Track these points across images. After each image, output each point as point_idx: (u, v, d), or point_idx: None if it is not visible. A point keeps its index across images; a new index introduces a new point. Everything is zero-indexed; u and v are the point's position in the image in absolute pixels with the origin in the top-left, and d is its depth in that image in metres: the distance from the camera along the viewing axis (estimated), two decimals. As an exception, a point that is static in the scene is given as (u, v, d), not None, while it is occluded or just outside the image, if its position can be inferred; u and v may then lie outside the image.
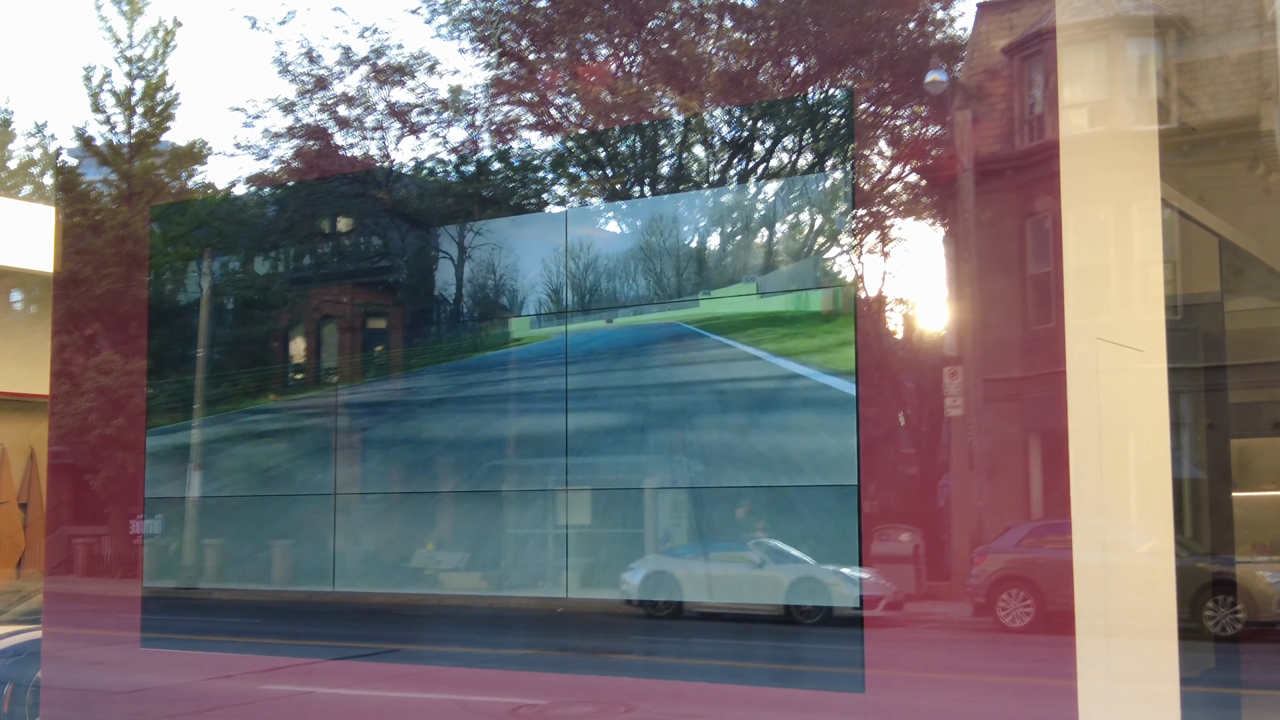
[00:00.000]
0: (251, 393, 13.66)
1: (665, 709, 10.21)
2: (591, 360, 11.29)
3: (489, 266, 12.16)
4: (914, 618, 14.43)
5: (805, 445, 10.04)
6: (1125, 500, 6.01)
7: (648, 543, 12.63)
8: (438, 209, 13.66)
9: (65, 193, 24.14)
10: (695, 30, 19.55)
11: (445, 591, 12.74)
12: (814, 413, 9.92)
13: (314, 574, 12.43)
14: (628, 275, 11.37)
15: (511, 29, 20.34)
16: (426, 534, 12.55)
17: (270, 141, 21.70)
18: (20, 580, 17.91)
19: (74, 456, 22.31)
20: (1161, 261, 6.21)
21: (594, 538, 11.97)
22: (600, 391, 11.27)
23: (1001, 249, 15.61)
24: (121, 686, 11.57)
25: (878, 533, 16.06)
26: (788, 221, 12.33)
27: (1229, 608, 12.39)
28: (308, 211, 14.51)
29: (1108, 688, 5.65)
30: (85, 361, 22.32)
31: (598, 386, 11.26)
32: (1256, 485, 13.85)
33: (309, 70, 21.19)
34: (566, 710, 10.24)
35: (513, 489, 12.06)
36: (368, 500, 12.50)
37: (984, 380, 15.18)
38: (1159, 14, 12.58)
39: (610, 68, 19.86)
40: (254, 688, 11.37)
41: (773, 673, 12.05)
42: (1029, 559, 13.24)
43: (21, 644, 10.54)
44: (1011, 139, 16.03)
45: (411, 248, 12.95)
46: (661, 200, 12.62)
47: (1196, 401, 12.44)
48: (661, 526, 12.18)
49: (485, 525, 12.42)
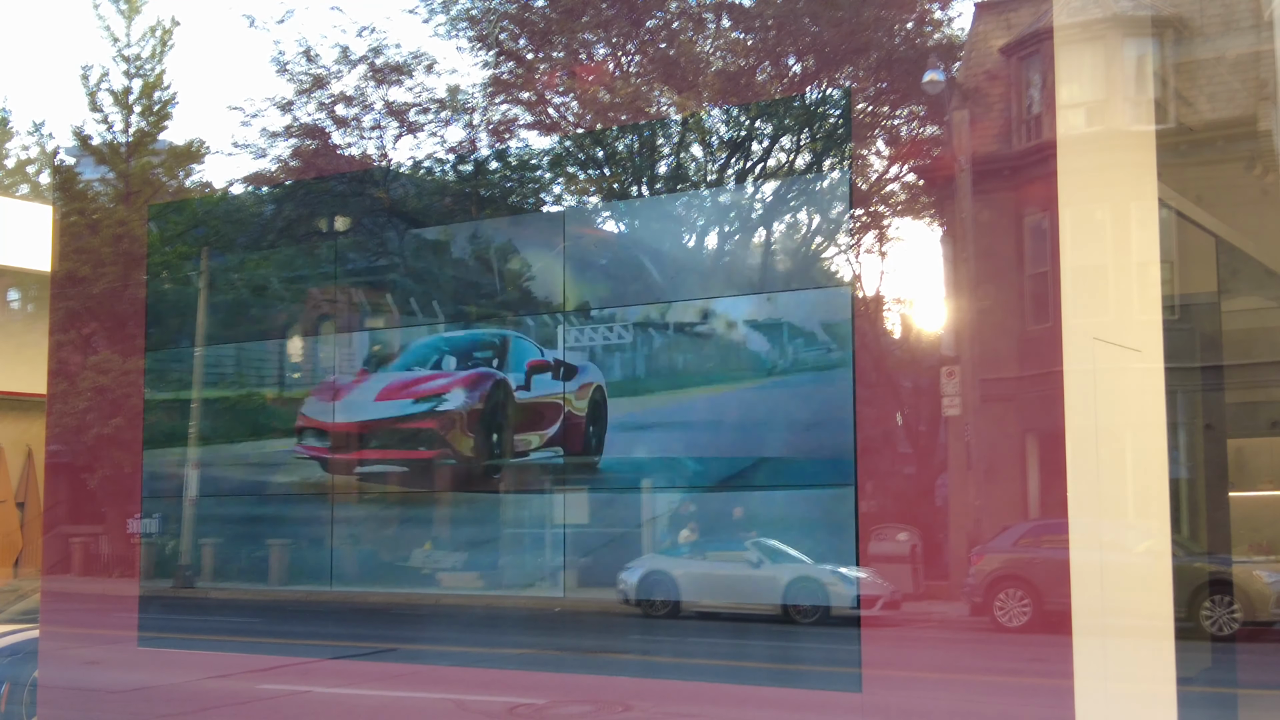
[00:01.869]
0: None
1: (663, 708, 10.21)
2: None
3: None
4: (911, 617, 14.44)
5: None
6: (1122, 500, 6.02)
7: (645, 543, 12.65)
8: (435, 208, 13.67)
9: (63, 192, 24.12)
10: (693, 30, 19.55)
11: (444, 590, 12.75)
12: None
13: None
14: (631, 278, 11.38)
15: (509, 28, 20.35)
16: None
17: (268, 140, 21.71)
18: (18, 579, 17.91)
19: (71, 456, 22.29)
20: (1159, 261, 6.21)
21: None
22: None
23: (999, 249, 15.62)
24: (119, 686, 11.56)
25: (875, 532, 16.08)
26: (785, 221, 12.33)
27: (1226, 607, 12.40)
28: (305, 210, 14.51)
29: (1105, 687, 5.65)
30: (83, 361, 22.30)
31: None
32: (1253, 485, 13.86)
33: (307, 69, 21.20)
34: (564, 709, 10.24)
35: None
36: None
37: (981, 380, 15.20)
38: (1156, 14, 12.60)
39: (608, 67, 19.87)
40: (251, 686, 11.37)
41: (770, 672, 12.05)
42: (1026, 558, 13.26)
43: (19, 643, 10.53)
44: (1009, 139, 16.04)
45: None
46: (660, 200, 12.63)
47: (1194, 401, 12.45)
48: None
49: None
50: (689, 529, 13.66)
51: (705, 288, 11.19)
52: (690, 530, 13.65)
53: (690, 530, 13.65)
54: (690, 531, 13.68)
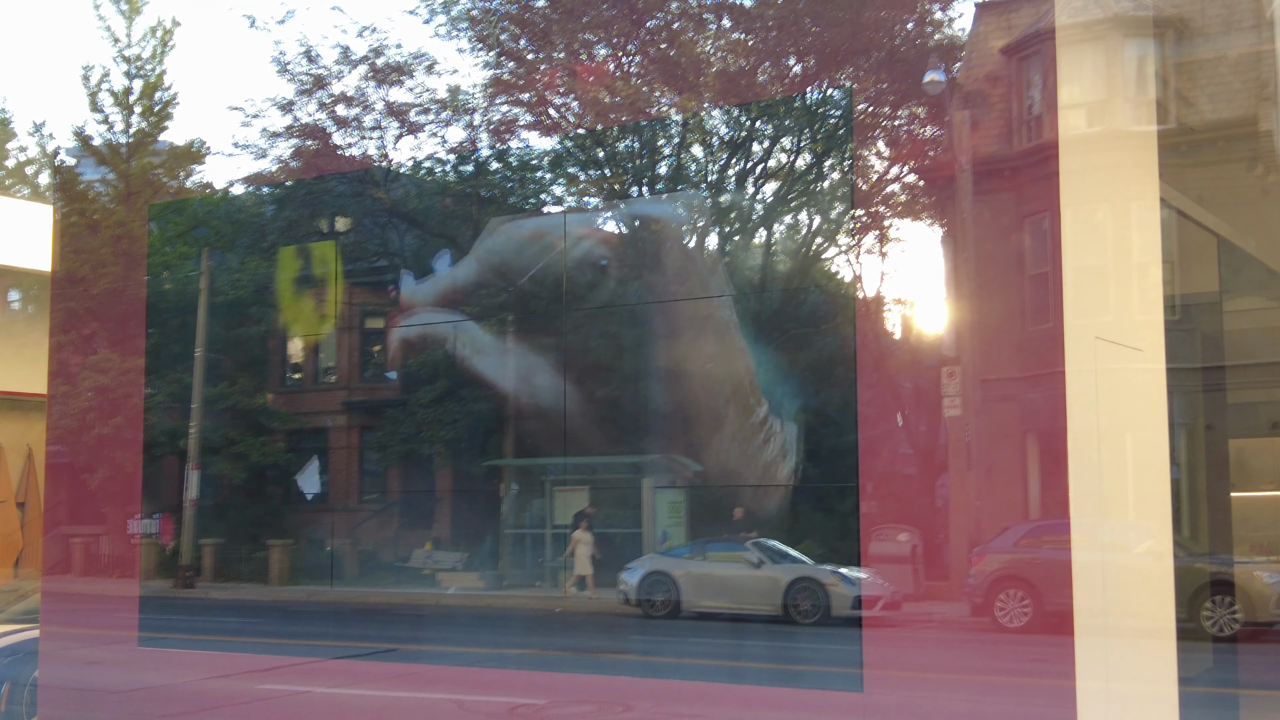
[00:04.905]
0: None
1: (663, 708, 10.20)
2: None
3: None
4: (912, 617, 14.43)
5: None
6: (1123, 500, 6.00)
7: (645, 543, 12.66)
8: (436, 208, 13.67)
9: (63, 192, 24.10)
10: (694, 30, 19.54)
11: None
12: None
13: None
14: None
15: (510, 29, 20.34)
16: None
17: (269, 141, 21.69)
18: (18, 579, 17.89)
19: (71, 456, 22.28)
20: (1160, 262, 6.20)
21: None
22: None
23: (1000, 249, 15.61)
24: (119, 685, 11.55)
25: (876, 533, 16.07)
26: (785, 222, 12.34)
27: (1227, 608, 12.39)
28: (306, 210, 14.48)
29: (1106, 687, 5.64)
30: (83, 361, 22.28)
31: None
32: (1254, 485, 13.84)
33: (307, 69, 21.18)
34: (564, 710, 10.23)
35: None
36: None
37: (982, 380, 15.19)
38: (1157, 14, 12.58)
39: (609, 68, 19.85)
40: (252, 687, 11.36)
41: (771, 672, 12.04)
42: (1027, 559, 13.24)
43: (19, 643, 10.51)
44: (1010, 139, 16.03)
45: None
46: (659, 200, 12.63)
47: (1195, 401, 12.44)
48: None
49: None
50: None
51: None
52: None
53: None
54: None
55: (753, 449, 15.90)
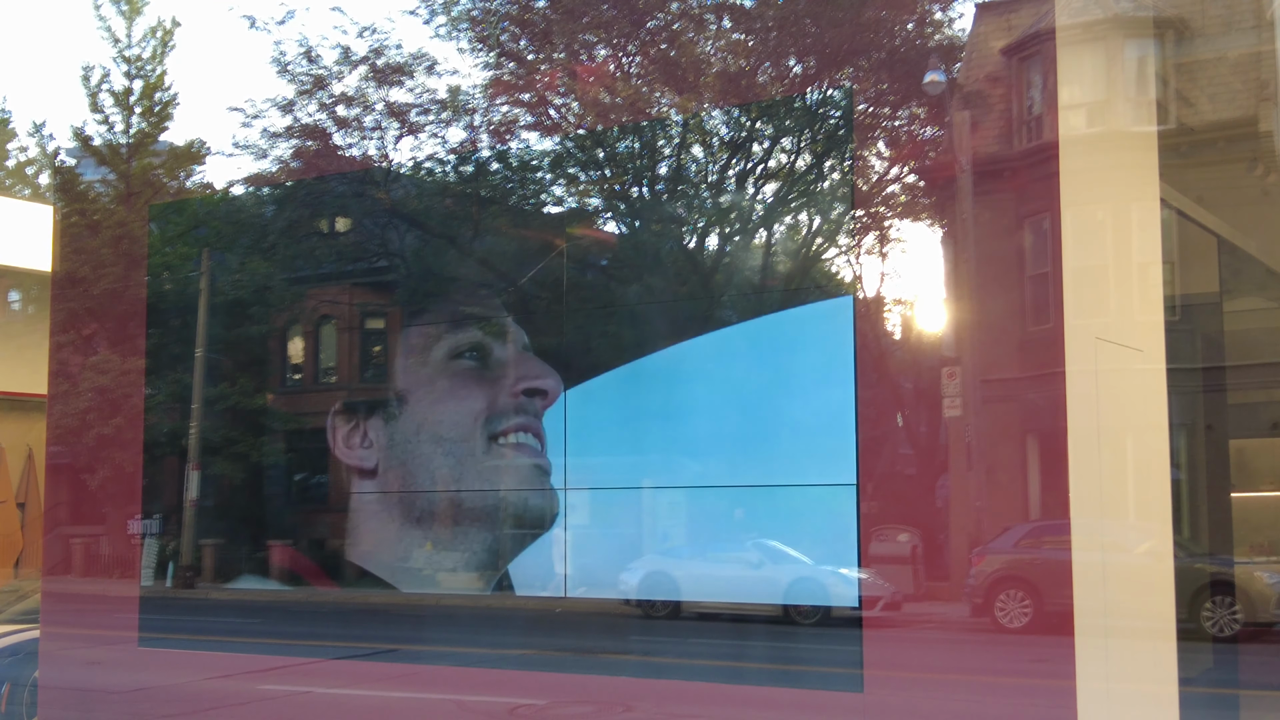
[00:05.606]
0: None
1: (663, 709, 10.21)
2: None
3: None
4: (912, 618, 14.42)
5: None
6: (1124, 501, 6.02)
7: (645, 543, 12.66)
8: (436, 208, 13.67)
9: (63, 192, 24.13)
10: (694, 30, 19.54)
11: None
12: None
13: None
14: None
15: (510, 29, 20.34)
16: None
17: (269, 141, 21.69)
18: (18, 580, 17.91)
19: (71, 456, 22.28)
20: (1160, 262, 6.22)
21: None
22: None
23: (1000, 250, 15.61)
24: (119, 686, 11.56)
25: (876, 533, 16.07)
26: (785, 223, 12.33)
27: (1227, 608, 12.40)
28: (306, 211, 14.50)
29: (1106, 688, 5.65)
30: (83, 361, 22.30)
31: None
32: (1255, 486, 13.85)
33: (308, 70, 21.18)
34: (565, 710, 10.24)
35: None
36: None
37: (982, 381, 15.19)
38: (1157, 15, 12.58)
39: (609, 68, 19.86)
40: (252, 687, 11.36)
41: (771, 673, 12.05)
42: (1027, 559, 13.24)
43: (19, 643, 10.53)
44: (1010, 140, 16.03)
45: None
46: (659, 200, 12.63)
47: (1195, 402, 12.45)
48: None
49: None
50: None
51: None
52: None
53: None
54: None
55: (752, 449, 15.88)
